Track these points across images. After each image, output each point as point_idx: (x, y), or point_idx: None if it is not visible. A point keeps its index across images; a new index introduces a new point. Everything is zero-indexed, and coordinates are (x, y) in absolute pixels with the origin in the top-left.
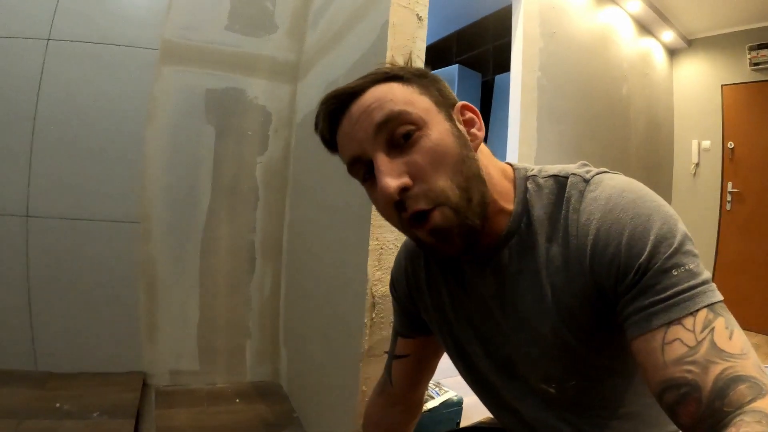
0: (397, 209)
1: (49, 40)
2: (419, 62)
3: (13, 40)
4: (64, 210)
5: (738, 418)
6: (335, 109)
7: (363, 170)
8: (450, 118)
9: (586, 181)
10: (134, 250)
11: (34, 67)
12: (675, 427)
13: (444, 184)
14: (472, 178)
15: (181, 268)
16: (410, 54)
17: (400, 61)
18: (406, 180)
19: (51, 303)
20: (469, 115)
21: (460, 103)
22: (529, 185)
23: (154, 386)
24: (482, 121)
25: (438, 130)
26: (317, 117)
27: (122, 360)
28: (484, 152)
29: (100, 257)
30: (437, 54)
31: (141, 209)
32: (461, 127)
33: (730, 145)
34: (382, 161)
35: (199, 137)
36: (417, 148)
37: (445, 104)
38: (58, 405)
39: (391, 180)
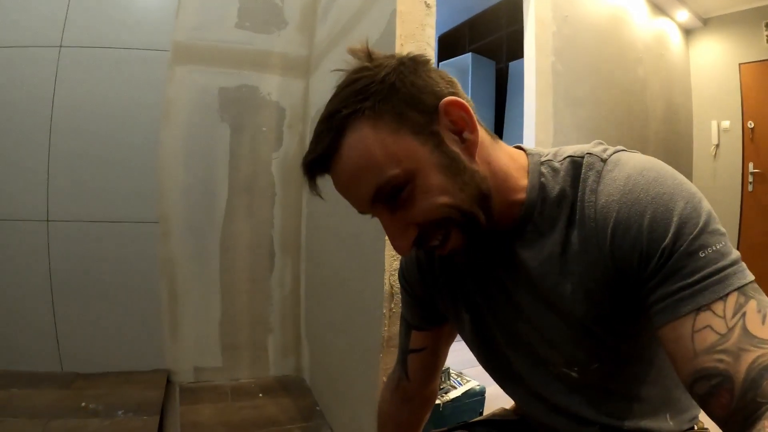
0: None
1: (61, 47)
2: (429, 50)
3: (26, 49)
4: (83, 213)
5: None
6: (319, 176)
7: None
8: (436, 143)
9: (603, 161)
10: (154, 249)
11: (47, 74)
12: (699, 410)
13: (449, 214)
14: (474, 200)
15: (202, 265)
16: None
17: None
18: (413, 233)
19: (74, 305)
20: (457, 114)
21: (444, 102)
22: (544, 170)
23: (178, 383)
24: (472, 117)
25: (427, 174)
26: (306, 183)
27: (146, 358)
28: (484, 146)
29: (121, 258)
30: (450, 43)
31: (159, 209)
32: (451, 139)
33: (750, 124)
34: (387, 223)
35: (215, 135)
36: (413, 201)
37: (426, 123)
38: (83, 404)
39: (401, 240)
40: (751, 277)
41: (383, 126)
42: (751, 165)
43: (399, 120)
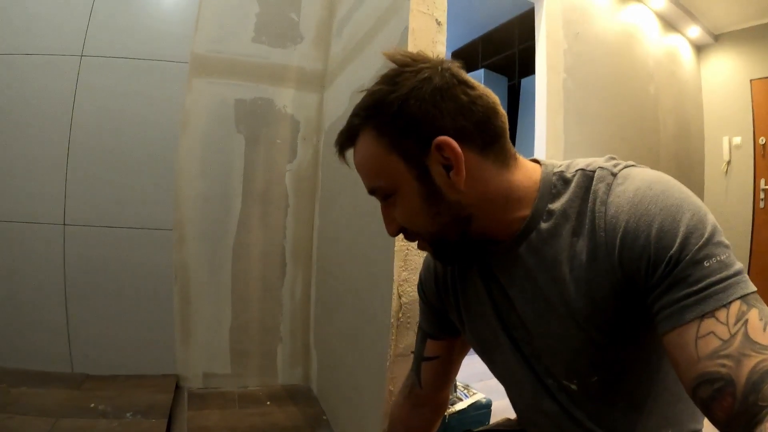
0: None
1: (82, 56)
2: None
3: (49, 57)
4: (99, 218)
5: None
6: (345, 150)
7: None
8: (421, 173)
9: (614, 175)
10: (168, 256)
11: (69, 82)
12: (699, 426)
13: (420, 231)
14: (447, 225)
15: (214, 273)
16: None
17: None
18: (396, 227)
19: (87, 308)
20: (445, 155)
21: (437, 141)
22: (555, 180)
23: (186, 388)
24: (459, 160)
25: (406, 194)
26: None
27: (156, 362)
28: (480, 179)
29: (135, 263)
30: (463, 59)
31: (175, 216)
32: (438, 172)
33: (762, 140)
34: (382, 210)
35: (230, 146)
36: (395, 209)
37: (417, 153)
38: (93, 405)
39: (389, 227)
40: (753, 288)
41: (382, 143)
42: (762, 181)
43: (394, 144)
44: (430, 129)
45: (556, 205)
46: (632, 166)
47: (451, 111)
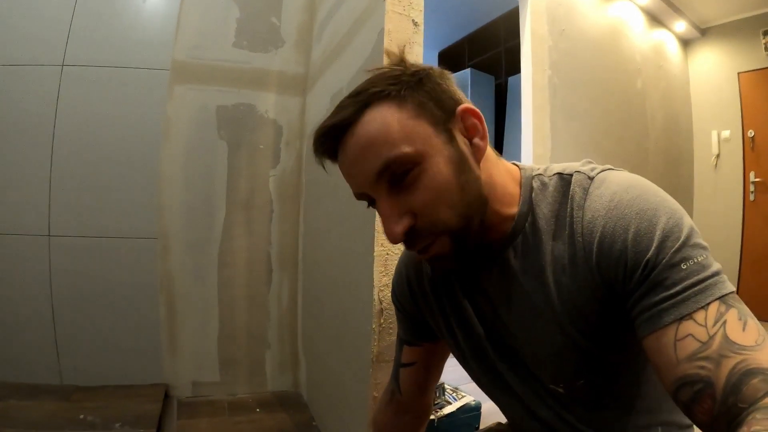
0: (404, 243)
1: (63, 65)
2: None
3: (29, 67)
4: (84, 228)
5: (750, 416)
6: (330, 147)
7: (368, 200)
8: (449, 138)
9: (591, 179)
10: (153, 265)
11: (50, 92)
12: (688, 420)
13: (445, 215)
14: (472, 202)
15: (200, 281)
16: (404, 47)
17: (396, 51)
18: (408, 221)
19: (74, 319)
20: (471, 121)
21: (462, 107)
22: (535, 184)
23: (176, 397)
24: (485, 127)
25: (436, 162)
26: (314, 151)
27: (144, 372)
28: (488, 158)
29: (121, 273)
30: (450, 59)
31: (159, 225)
32: (462, 141)
33: (751, 133)
34: (385, 205)
35: (213, 153)
36: (417, 186)
37: (444, 120)
38: (82, 416)
39: (395, 225)
40: (732, 288)
41: (405, 110)
42: (752, 174)
43: (421, 108)
44: (450, 100)
45: (537, 209)
46: (609, 169)
47: (460, 92)
